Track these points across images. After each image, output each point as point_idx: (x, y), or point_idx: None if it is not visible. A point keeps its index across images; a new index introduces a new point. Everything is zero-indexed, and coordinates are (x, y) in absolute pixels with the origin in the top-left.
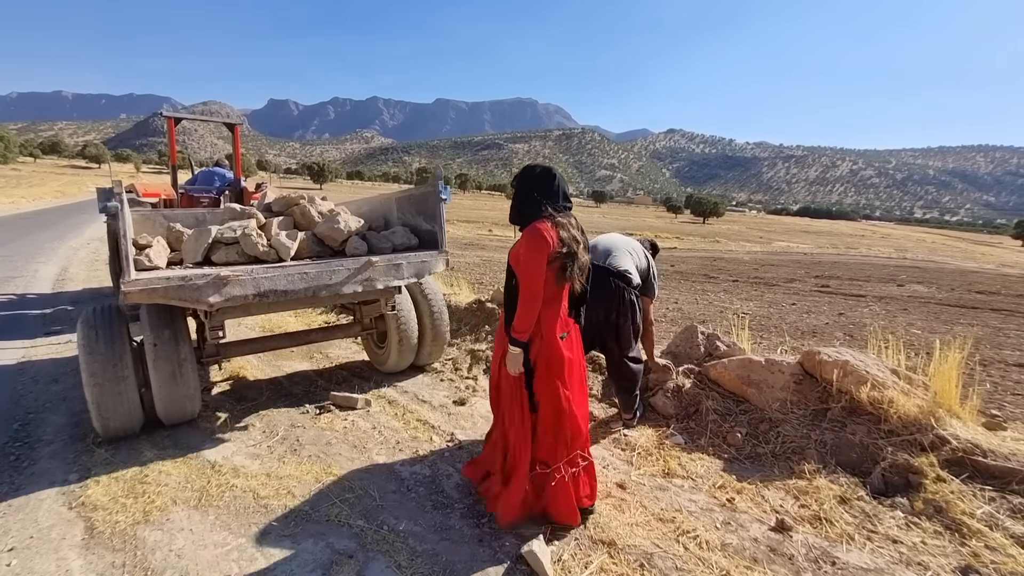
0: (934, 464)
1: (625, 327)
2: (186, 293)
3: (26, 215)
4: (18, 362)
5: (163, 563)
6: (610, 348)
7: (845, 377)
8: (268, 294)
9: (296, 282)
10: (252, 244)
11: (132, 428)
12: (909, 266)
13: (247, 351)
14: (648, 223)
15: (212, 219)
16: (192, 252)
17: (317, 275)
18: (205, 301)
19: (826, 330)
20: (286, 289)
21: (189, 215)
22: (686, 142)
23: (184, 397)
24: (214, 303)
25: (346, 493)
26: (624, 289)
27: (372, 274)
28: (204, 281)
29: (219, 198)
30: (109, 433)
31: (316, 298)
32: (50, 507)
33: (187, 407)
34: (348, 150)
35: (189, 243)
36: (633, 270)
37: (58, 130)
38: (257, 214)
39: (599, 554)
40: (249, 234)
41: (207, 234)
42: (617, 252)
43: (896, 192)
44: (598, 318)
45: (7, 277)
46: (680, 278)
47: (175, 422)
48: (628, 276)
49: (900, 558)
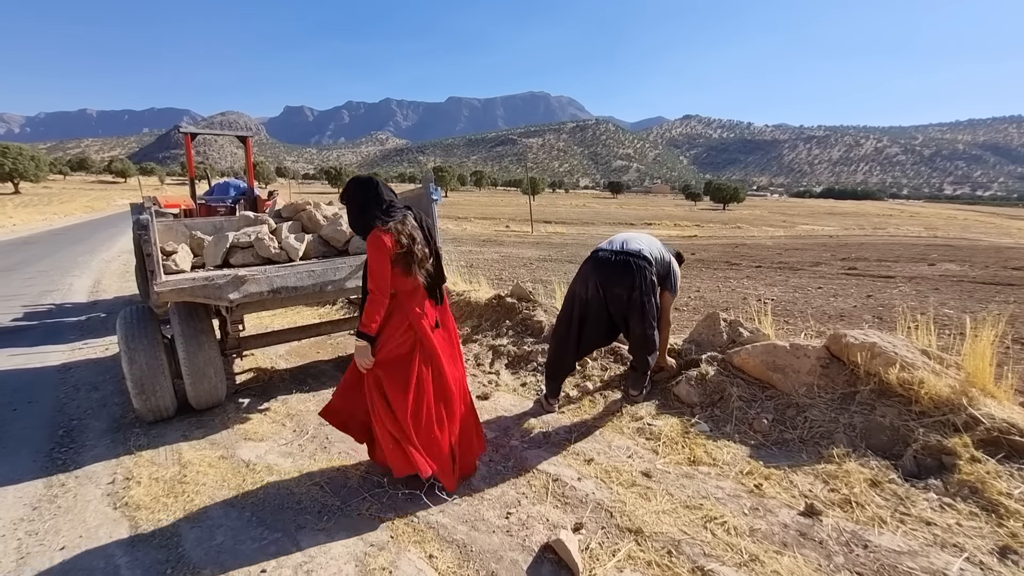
0: (968, 445)
1: (649, 304)
2: (210, 291)
3: (58, 231)
4: (59, 370)
5: (204, 558)
6: (633, 326)
7: (873, 359)
8: (281, 290)
9: (305, 279)
10: (265, 247)
11: (168, 412)
12: (940, 244)
13: (265, 343)
14: (667, 212)
15: (229, 226)
16: (212, 256)
17: (323, 272)
18: (226, 298)
19: (854, 313)
20: (296, 286)
21: (208, 223)
22: (703, 128)
23: (211, 385)
24: (234, 299)
25: (375, 488)
26: (644, 268)
27: None
28: (224, 281)
29: (234, 207)
30: (148, 416)
31: (323, 293)
32: (96, 507)
33: (214, 394)
34: (364, 153)
35: (209, 248)
36: (650, 255)
37: (85, 147)
38: (269, 220)
39: (627, 542)
40: (262, 238)
41: (225, 240)
42: (631, 240)
43: (924, 169)
44: (622, 298)
45: (44, 291)
46: (701, 266)
47: (204, 407)
48: (645, 256)
49: (934, 540)
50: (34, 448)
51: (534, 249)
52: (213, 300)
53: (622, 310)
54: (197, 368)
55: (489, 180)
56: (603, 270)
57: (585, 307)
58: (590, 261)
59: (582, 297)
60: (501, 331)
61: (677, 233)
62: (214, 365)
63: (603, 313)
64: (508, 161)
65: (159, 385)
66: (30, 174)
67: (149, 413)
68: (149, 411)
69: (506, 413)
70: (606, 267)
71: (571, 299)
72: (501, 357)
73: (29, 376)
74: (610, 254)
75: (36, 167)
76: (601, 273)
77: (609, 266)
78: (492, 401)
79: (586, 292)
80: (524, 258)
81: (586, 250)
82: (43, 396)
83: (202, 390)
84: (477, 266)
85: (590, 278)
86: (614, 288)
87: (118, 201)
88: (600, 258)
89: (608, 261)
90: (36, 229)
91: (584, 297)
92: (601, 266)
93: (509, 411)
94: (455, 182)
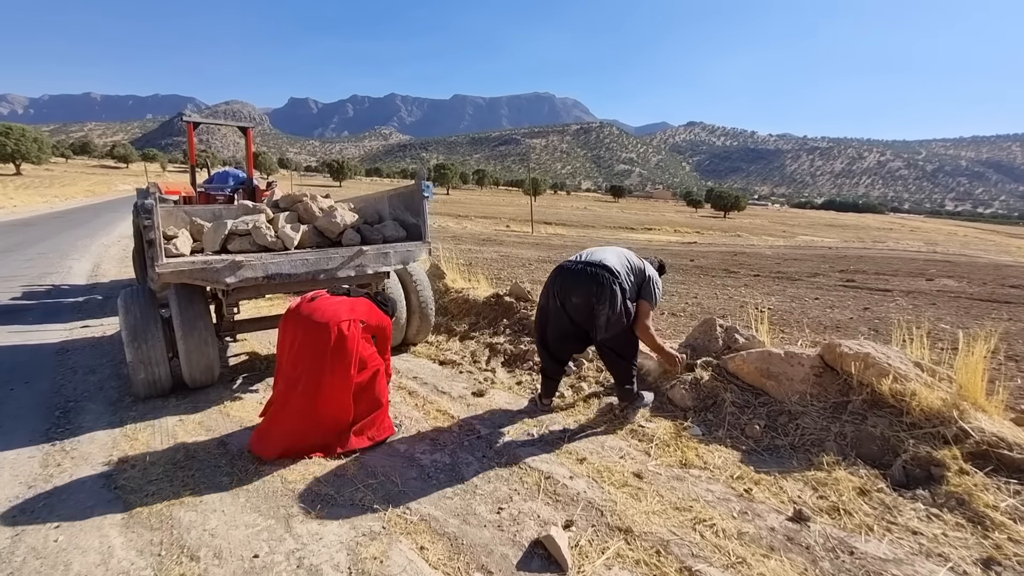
0: (957, 457)
1: (603, 313)
2: (208, 274)
3: (59, 214)
4: (57, 351)
5: (197, 541)
6: (594, 336)
7: (867, 369)
8: (275, 277)
9: (298, 267)
10: (262, 235)
11: (163, 388)
12: (939, 260)
13: (258, 327)
14: (667, 218)
15: (227, 214)
16: (211, 242)
17: (316, 261)
18: (223, 281)
19: (850, 325)
20: (290, 273)
21: (207, 210)
22: (707, 135)
23: (205, 364)
24: (230, 283)
25: (369, 479)
26: (603, 277)
27: (363, 261)
28: (222, 265)
29: (233, 196)
30: (144, 390)
31: (316, 281)
32: (92, 488)
33: (208, 373)
34: (367, 147)
35: (208, 234)
36: (616, 266)
37: (88, 131)
38: (266, 210)
39: (616, 540)
40: (259, 227)
41: (224, 227)
42: (596, 252)
43: (926, 184)
44: (580, 307)
45: (43, 273)
46: (699, 273)
47: (198, 385)
48: (607, 266)
49: (920, 549)
50: (31, 428)
51: (534, 250)
52: (211, 283)
53: (583, 319)
54: (192, 347)
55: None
56: (562, 279)
57: (545, 315)
58: (554, 272)
59: (542, 305)
60: (498, 329)
61: (677, 239)
62: (209, 345)
63: (564, 321)
64: (511, 161)
65: (156, 361)
66: (32, 156)
67: (146, 387)
68: (146, 386)
69: (501, 410)
70: (566, 276)
71: (540, 307)
72: (498, 355)
73: (26, 357)
74: (572, 264)
75: (39, 149)
76: (560, 282)
77: (569, 275)
78: (487, 398)
79: (546, 300)
80: (523, 258)
81: None
82: (40, 377)
83: (196, 369)
84: (476, 264)
85: (554, 287)
86: (571, 297)
87: (119, 186)
88: (564, 268)
89: (568, 271)
90: (37, 211)
91: (544, 304)
92: (561, 275)
93: (504, 408)
94: (457, 180)
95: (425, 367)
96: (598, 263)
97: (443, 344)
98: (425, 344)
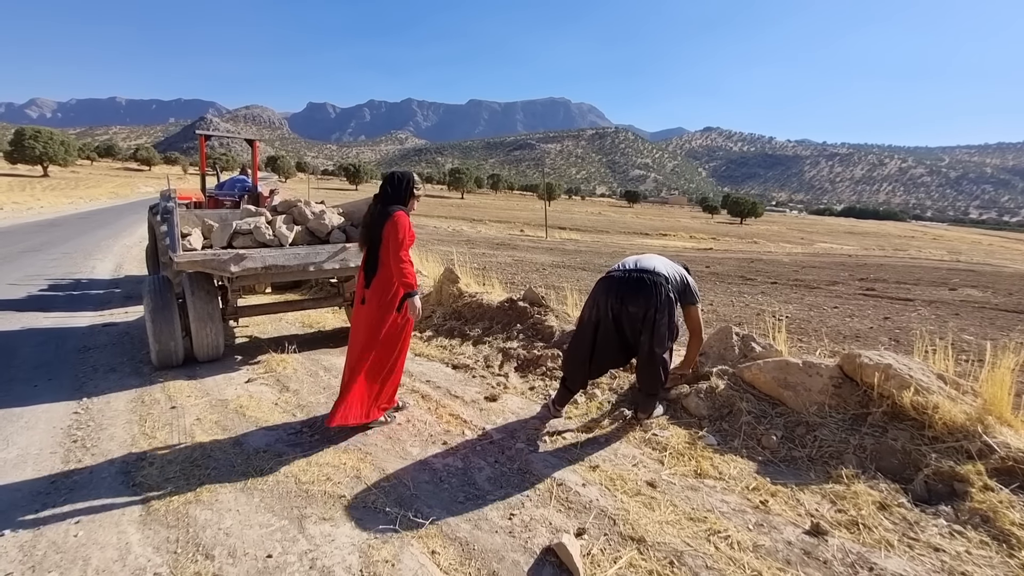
0: (981, 472)
1: (661, 322)
2: (216, 264)
3: (84, 215)
4: (79, 350)
5: (212, 540)
6: (643, 342)
7: (887, 381)
8: (272, 267)
9: (291, 260)
10: (261, 233)
11: (177, 360)
12: (963, 269)
13: (258, 312)
14: (683, 224)
15: (233, 216)
16: (219, 239)
17: (306, 255)
18: (228, 270)
19: (870, 334)
20: (284, 264)
21: (215, 213)
22: (723, 140)
23: (212, 341)
24: (234, 272)
25: (382, 482)
26: (660, 284)
27: (346, 256)
28: (228, 257)
29: (239, 201)
30: (161, 362)
31: (306, 272)
32: (111, 485)
33: (214, 349)
34: (383, 151)
35: (217, 233)
36: (667, 272)
37: (112, 134)
38: (266, 213)
39: (628, 550)
40: (259, 226)
41: (230, 226)
42: (643, 259)
43: (949, 191)
44: (637, 316)
45: (67, 273)
46: (716, 280)
47: (205, 359)
48: (660, 273)
49: (942, 567)
50: (52, 425)
51: (548, 255)
52: (218, 271)
53: (636, 328)
54: (202, 327)
55: (506, 184)
56: (619, 289)
57: (594, 328)
58: (604, 282)
59: (590, 319)
60: (512, 334)
61: (692, 245)
62: (215, 325)
63: (613, 332)
64: (526, 165)
65: (172, 337)
66: (59, 158)
67: (162, 358)
68: (164, 357)
69: (513, 416)
70: (622, 286)
71: (586, 320)
72: (511, 360)
73: (49, 355)
74: (623, 273)
75: (65, 152)
76: (617, 292)
77: (624, 284)
78: (500, 403)
79: (594, 312)
80: (537, 263)
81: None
82: (62, 375)
83: (204, 345)
84: (490, 269)
85: (608, 298)
86: (630, 306)
87: (142, 188)
88: (615, 278)
89: (623, 280)
90: (62, 212)
91: (589, 317)
92: (617, 285)
93: (516, 414)
94: (472, 184)
95: (438, 371)
96: (651, 270)
97: (456, 348)
98: (438, 348)
